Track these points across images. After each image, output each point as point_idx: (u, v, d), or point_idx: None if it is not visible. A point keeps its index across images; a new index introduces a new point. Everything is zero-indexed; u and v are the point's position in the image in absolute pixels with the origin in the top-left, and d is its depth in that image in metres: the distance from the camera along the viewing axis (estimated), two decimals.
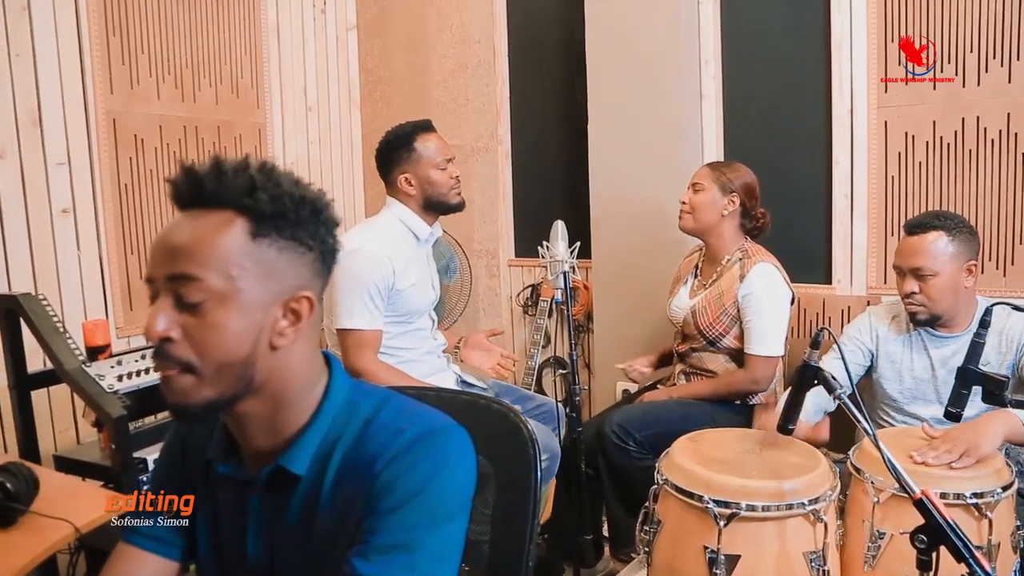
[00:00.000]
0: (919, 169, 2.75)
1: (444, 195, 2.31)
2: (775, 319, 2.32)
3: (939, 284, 1.98)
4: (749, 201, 2.42)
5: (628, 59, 2.99)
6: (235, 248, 0.88)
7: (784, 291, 2.37)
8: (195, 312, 0.87)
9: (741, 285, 2.34)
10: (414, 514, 0.90)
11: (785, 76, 2.95)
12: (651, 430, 2.19)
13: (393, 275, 2.18)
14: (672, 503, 1.65)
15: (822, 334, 1.46)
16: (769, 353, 2.31)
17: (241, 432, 0.97)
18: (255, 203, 0.88)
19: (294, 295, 0.91)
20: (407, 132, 2.31)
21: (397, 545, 0.88)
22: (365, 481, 0.91)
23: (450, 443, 0.97)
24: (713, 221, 2.41)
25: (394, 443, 0.93)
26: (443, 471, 0.93)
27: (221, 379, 0.88)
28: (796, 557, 1.54)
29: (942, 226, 2.00)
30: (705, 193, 2.40)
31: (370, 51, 3.51)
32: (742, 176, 2.43)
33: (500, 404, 1.37)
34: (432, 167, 2.28)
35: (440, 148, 2.31)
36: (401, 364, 2.27)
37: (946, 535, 1.22)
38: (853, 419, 1.38)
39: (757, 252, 2.41)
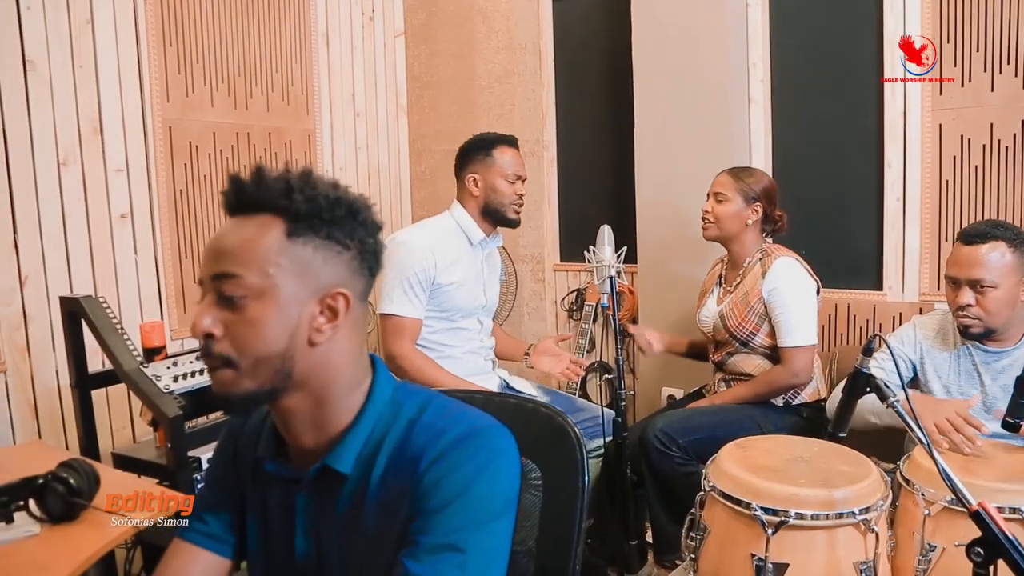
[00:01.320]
0: (975, 173, 2.68)
1: (504, 206, 2.38)
2: (803, 309, 2.32)
3: (997, 297, 1.91)
4: (770, 207, 2.44)
5: (675, 63, 2.98)
6: (272, 247, 0.92)
7: (808, 281, 2.37)
8: (235, 308, 0.91)
9: (764, 281, 2.34)
10: (461, 513, 0.91)
11: (835, 79, 2.91)
12: (694, 436, 2.18)
13: (435, 268, 2.26)
14: (719, 510, 1.63)
15: (875, 341, 1.44)
16: (803, 343, 2.30)
17: (287, 429, 1.00)
18: (291, 204, 0.92)
19: (330, 292, 0.94)
20: (491, 140, 2.42)
21: (446, 545, 0.90)
22: (410, 481, 0.93)
23: (493, 442, 0.98)
24: (737, 231, 2.43)
25: (437, 443, 0.95)
26: (487, 470, 0.95)
27: (259, 372, 0.92)
28: (846, 567, 1.52)
29: (1002, 236, 1.93)
30: (729, 204, 2.41)
31: (417, 57, 3.56)
32: (761, 182, 2.44)
33: (547, 407, 1.37)
34: (501, 176, 2.37)
35: (515, 162, 2.40)
36: (441, 359, 2.32)
37: (1004, 548, 1.19)
38: (907, 428, 1.35)
39: (776, 249, 2.42)
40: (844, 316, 2.93)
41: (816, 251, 2.92)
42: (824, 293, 2.90)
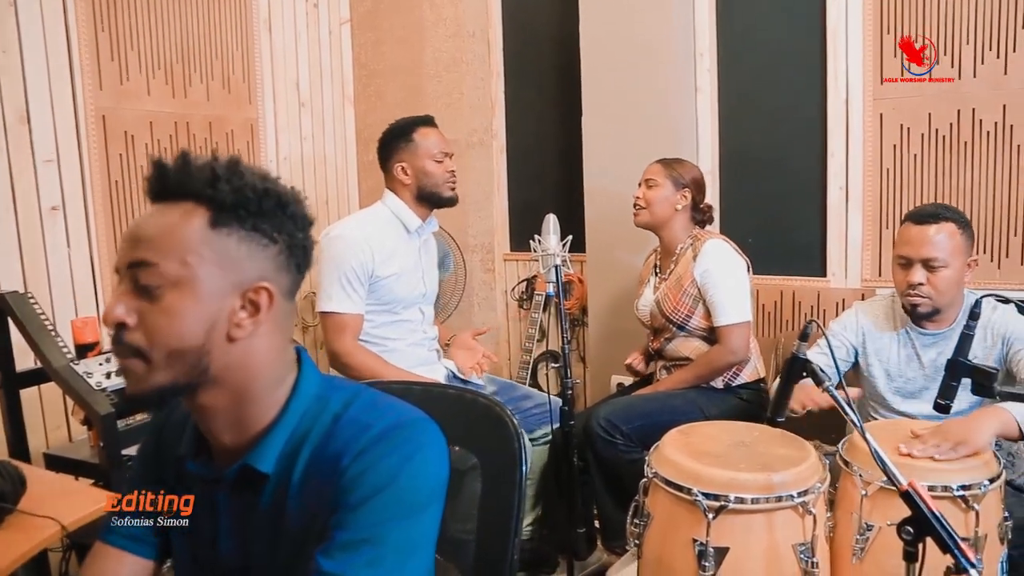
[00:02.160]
0: (914, 162, 2.74)
1: (438, 187, 2.34)
2: (735, 288, 2.37)
3: (948, 276, 1.95)
4: (698, 195, 2.50)
5: (622, 53, 2.98)
6: (193, 236, 0.88)
7: (737, 260, 2.42)
8: (151, 298, 0.88)
9: (696, 264, 2.39)
10: (380, 508, 0.90)
11: (780, 69, 2.94)
12: (638, 423, 2.20)
13: (372, 261, 2.22)
14: (662, 496, 1.64)
15: (811, 327, 1.45)
16: (738, 320, 2.35)
17: (207, 427, 0.96)
18: (216, 193, 0.89)
19: (252, 286, 0.91)
20: (409, 124, 2.37)
21: (362, 540, 0.88)
22: (332, 477, 0.91)
23: (418, 435, 0.96)
24: (667, 216, 2.47)
25: (361, 438, 0.93)
26: (411, 464, 0.93)
27: (172, 366, 0.88)
28: (785, 549, 1.53)
29: (951, 217, 1.97)
30: (659, 189, 2.46)
31: (363, 45, 3.50)
32: (691, 171, 2.51)
33: (486, 398, 1.37)
34: (428, 158, 2.33)
35: (438, 141, 2.37)
36: (385, 353, 2.29)
37: (932, 526, 1.21)
38: (841, 412, 1.37)
39: (705, 234, 2.48)
40: (789, 302, 2.98)
41: (762, 239, 2.96)
42: (770, 280, 2.95)
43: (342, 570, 0.86)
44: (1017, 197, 2.60)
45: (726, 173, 3.06)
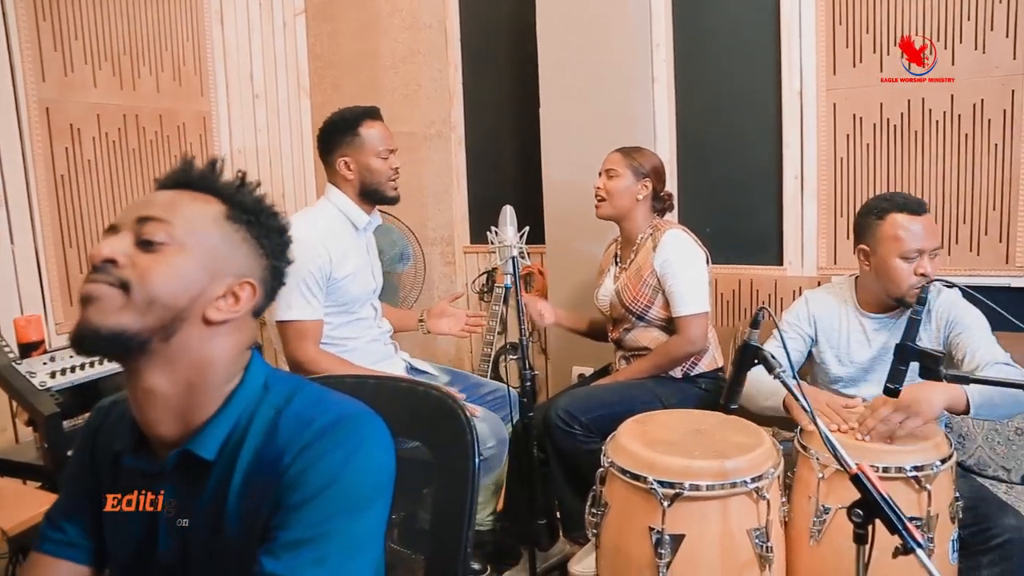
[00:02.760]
0: (867, 151, 2.78)
1: (381, 184, 2.28)
2: (694, 279, 2.38)
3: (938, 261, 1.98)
4: (659, 184, 2.50)
5: (579, 43, 2.97)
6: (209, 217, 0.95)
7: (697, 251, 2.43)
8: (152, 251, 0.90)
9: (655, 255, 2.39)
10: (324, 506, 0.88)
11: (736, 59, 2.96)
12: (597, 413, 2.20)
13: (330, 263, 2.16)
14: (618, 485, 1.64)
15: (761, 314, 1.46)
16: (696, 311, 2.36)
17: (147, 418, 0.94)
18: (239, 195, 0.98)
19: (241, 279, 0.95)
20: (354, 116, 2.28)
21: (306, 539, 0.87)
22: (274, 475, 0.90)
23: (361, 430, 0.95)
24: (629, 206, 2.46)
25: (303, 434, 0.92)
26: (354, 459, 0.92)
27: (148, 312, 0.88)
28: (740, 534, 1.55)
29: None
30: (620, 179, 2.45)
31: (319, 36, 3.45)
32: (651, 160, 2.50)
33: (439, 390, 1.36)
34: (373, 155, 2.25)
35: (384, 137, 2.28)
36: (345, 353, 2.25)
37: (880, 508, 1.23)
38: (793, 397, 1.38)
39: (665, 224, 2.48)
40: (747, 291, 3.00)
41: (719, 228, 2.98)
42: (728, 269, 2.97)
43: (286, 570, 0.85)
44: (966, 185, 2.65)
45: (683, 163, 3.08)
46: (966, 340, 1.94)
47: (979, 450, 2.40)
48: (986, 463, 2.39)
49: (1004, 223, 2.61)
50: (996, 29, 2.55)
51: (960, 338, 1.96)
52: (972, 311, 1.96)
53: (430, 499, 1.32)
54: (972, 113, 2.61)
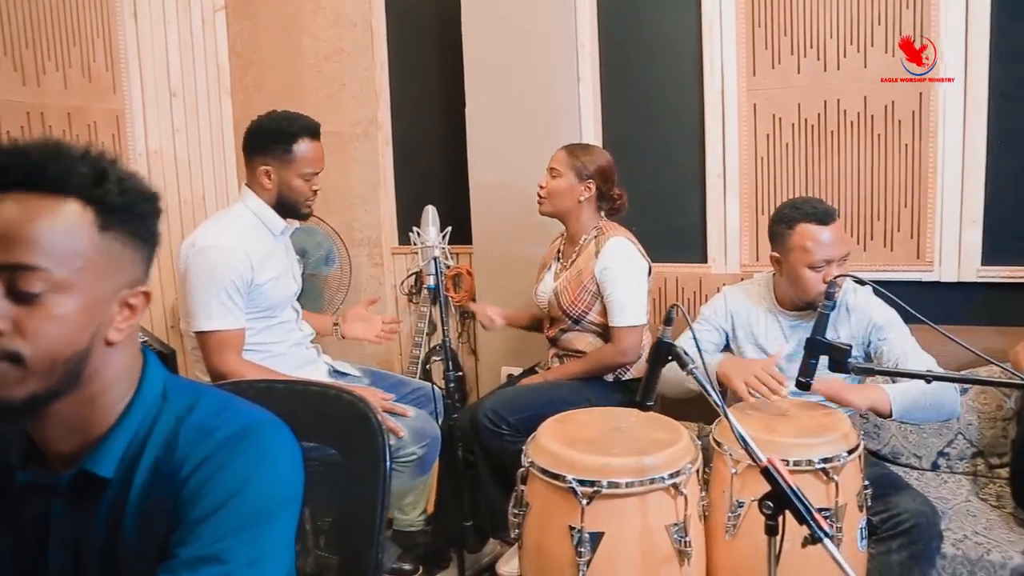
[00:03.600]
0: (786, 151, 2.84)
1: (298, 204, 2.21)
2: (633, 290, 2.37)
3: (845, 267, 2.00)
4: (605, 185, 2.46)
5: (504, 42, 2.97)
6: (81, 237, 0.83)
7: (639, 262, 2.42)
8: (32, 302, 0.81)
9: (597, 261, 2.38)
10: (226, 520, 0.85)
11: (660, 59, 3.00)
12: (524, 413, 2.19)
13: (251, 270, 2.10)
14: (539, 485, 1.64)
15: (674, 311, 1.48)
16: (632, 323, 2.35)
17: (43, 434, 0.89)
18: (104, 194, 0.85)
19: (133, 289, 0.89)
20: (293, 130, 2.16)
21: (207, 557, 0.83)
22: (172, 489, 0.86)
23: (266, 440, 0.92)
24: (569, 207, 2.44)
25: (204, 445, 0.88)
26: (259, 471, 0.89)
27: (52, 372, 0.82)
28: (658, 530, 1.56)
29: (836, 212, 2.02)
30: (562, 180, 2.42)
31: (239, 33, 3.37)
32: (596, 160, 2.45)
33: (349, 394, 1.34)
34: (298, 175, 2.17)
35: (315, 159, 2.20)
36: (268, 359, 2.19)
37: (789, 500, 1.26)
38: (704, 392, 1.40)
39: (611, 228, 2.45)
40: (673, 288, 3.04)
41: (645, 226, 3.00)
42: (654, 268, 3.00)
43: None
44: (880, 183, 2.73)
45: None
46: (890, 348, 2.00)
47: (893, 439, 2.48)
48: (899, 451, 2.47)
49: (915, 220, 2.71)
50: (905, 33, 2.64)
51: (884, 344, 2.02)
52: (893, 315, 2.02)
53: (342, 502, 1.30)
54: (884, 114, 2.70)
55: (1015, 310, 2.59)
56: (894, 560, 1.84)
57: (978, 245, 2.65)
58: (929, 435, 2.45)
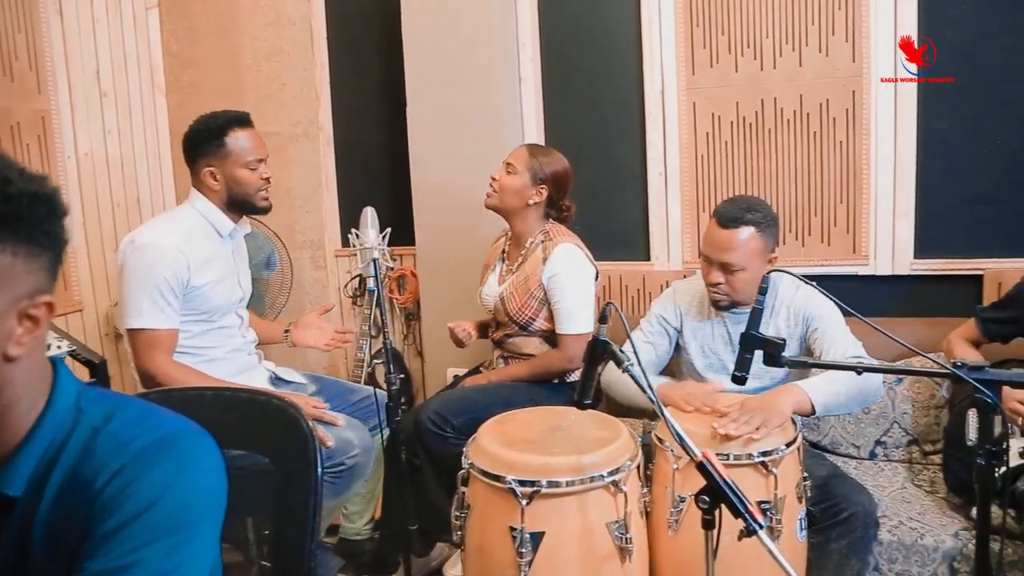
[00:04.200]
0: (725, 148, 2.88)
1: (250, 196, 2.17)
2: (581, 297, 2.35)
3: (744, 278, 2.01)
4: (557, 193, 2.44)
5: (445, 42, 2.95)
6: None
7: (587, 269, 2.41)
8: None
9: (544, 268, 2.36)
10: (139, 533, 0.82)
11: (601, 58, 3.01)
12: (468, 415, 2.17)
13: (188, 271, 2.05)
14: (479, 486, 1.63)
15: (608, 309, 1.48)
16: (579, 331, 2.34)
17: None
18: None
19: (33, 301, 0.83)
20: (219, 124, 2.13)
21: (117, 569, 0.80)
22: (85, 501, 0.82)
23: (186, 450, 0.89)
24: (517, 207, 2.42)
25: (119, 456, 0.84)
26: (178, 481, 0.86)
27: None
28: (599, 528, 1.56)
29: (752, 220, 2.00)
30: (516, 177, 2.39)
31: (174, 32, 3.28)
32: (555, 166, 2.42)
33: (280, 400, 1.32)
34: (241, 165, 2.13)
35: (253, 146, 2.16)
36: (204, 364, 2.13)
37: (724, 494, 1.27)
38: (640, 388, 1.40)
39: (558, 234, 2.43)
40: (617, 287, 3.06)
41: (590, 225, 3.01)
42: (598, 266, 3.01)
43: None
44: (816, 180, 2.79)
45: None
46: (822, 336, 2.04)
47: (832, 430, 2.53)
48: (839, 442, 2.52)
49: (851, 215, 2.77)
50: (836, 33, 2.70)
51: (817, 334, 2.06)
52: (827, 305, 2.05)
53: (275, 511, 1.27)
54: (819, 112, 2.75)
55: (947, 301, 2.67)
56: (833, 549, 1.88)
57: (911, 239, 2.72)
58: (867, 425, 2.50)
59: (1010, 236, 2.63)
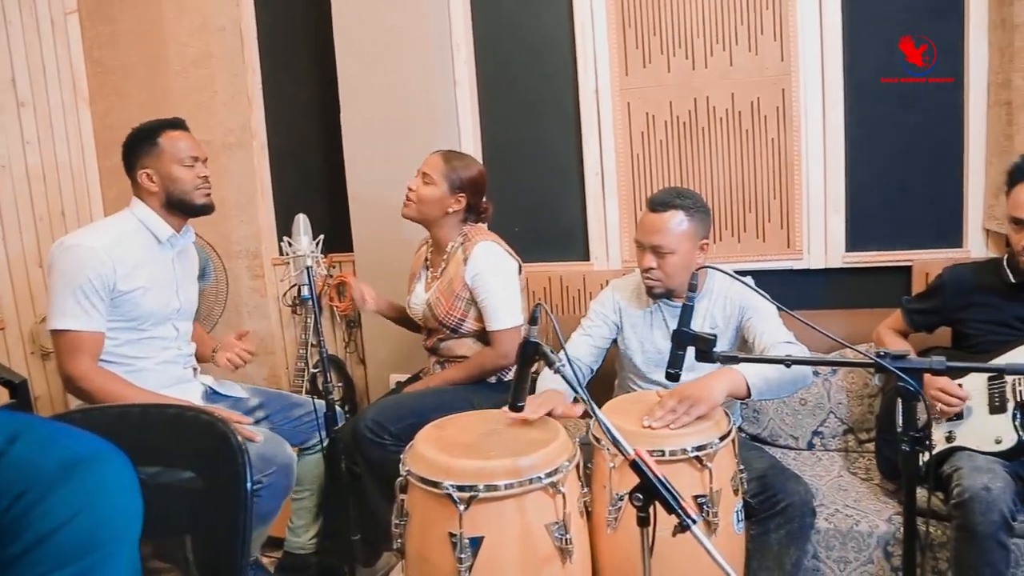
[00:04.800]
0: (660, 147, 2.91)
1: (188, 194, 2.16)
2: (505, 292, 2.36)
3: (675, 261, 2.06)
4: (474, 198, 2.43)
5: (378, 45, 2.92)
6: None
7: (509, 263, 2.41)
8: None
9: (467, 268, 2.36)
10: (47, 558, 0.77)
11: (535, 59, 3.02)
12: (407, 421, 2.14)
13: (114, 273, 2.02)
14: (417, 493, 1.61)
15: (538, 310, 1.48)
16: (508, 325, 2.35)
17: None
18: None
19: None
20: (153, 127, 2.18)
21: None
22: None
23: (97, 471, 0.85)
24: (436, 216, 2.40)
25: (23, 479, 0.80)
26: (88, 503, 0.82)
27: None
28: (538, 530, 1.55)
29: (682, 205, 2.06)
30: (434, 187, 2.37)
31: (96, 39, 3.18)
32: (470, 171, 2.41)
33: (208, 415, 1.28)
34: (176, 163, 2.14)
35: (188, 146, 2.18)
36: (132, 373, 2.09)
37: (657, 490, 1.27)
38: (572, 388, 1.40)
39: (476, 233, 2.43)
40: (557, 288, 3.07)
41: (528, 227, 3.03)
42: (538, 267, 3.02)
43: None
44: (750, 176, 2.84)
45: (489, 164, 3.05)
46: (755, 324, 2.09)
47: (771, 422, 2.58)
48: (778, 433, 2.57)
49: (784, 211, 2.83)
50: (765, 33, 2.75)
51: (750, 323, 2.11)
52: (761, 297, 2.09)
53: (207, 529, 1.24)
54: (750, 110, 2.81)
55: (879, 293, 2.75)
56: (772, 539, 1.91)
57: (842, 233, 2.79)
58: (804, 416, 2.55)
59: (937, 228, 2.72)
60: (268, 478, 2.00)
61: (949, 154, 2.67)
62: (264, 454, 2.01)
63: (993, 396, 1.99)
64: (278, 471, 2.03)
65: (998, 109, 2.56)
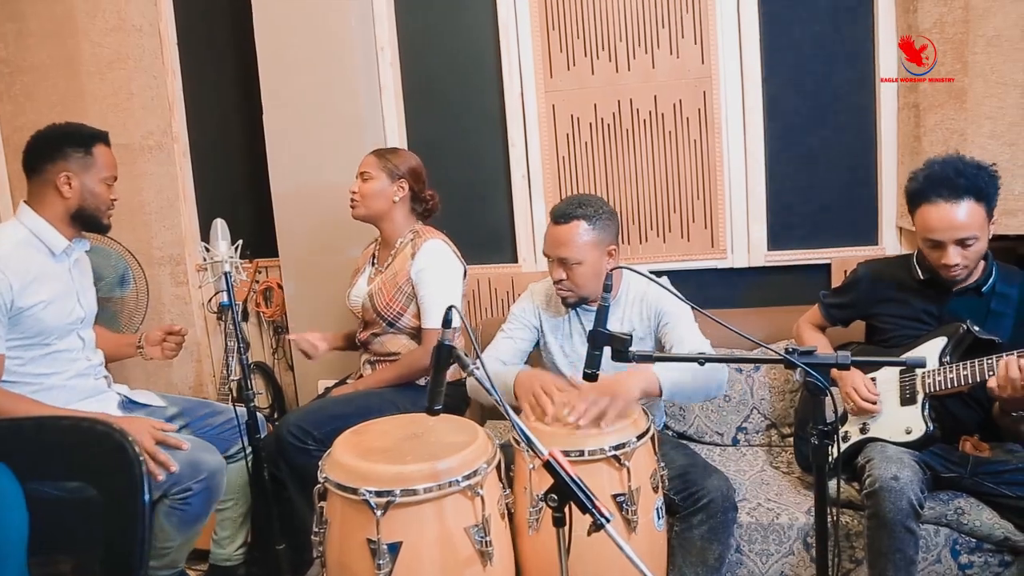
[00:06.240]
0: (585, 149, 2.94)
1: (100, 212, 2.11)
2: (447, 292, 2.35)
3: (583, 271, 2.07)
4: (417, 185, 2.46)
5: (300, 47, 2.88)
6: None
7: (455, 265, 2.42)
8: None
9: (413, 262, 2.37)
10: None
11: (460, 63, 3.01)
12: (331, 426, 2.10)
13: (11, 291, 1.92)
14: (335, 500, 1.59)
15: (451, 313, 1.47)
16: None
17: None
18: None
19: None
20: (88, 133, 2.11)
21: None
22: None
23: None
24: (384, 208, 2.42)
25: None
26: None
27: None
28: (457, 533, 1.55)
29: (583, 215, 2.05)
30: (374, 182, 2.40)
31: (2, 37, 3.05)
32: (407, 161, 2.46)
33: (105, 425, 1.24)
34: (100, 179, 2.09)
35: (113, 164, 2.16)
36: (40, 392, 1.99)
37: (571, 490, 1.28)
38: (487, 391, 1.40)
39: (427, 231, 2.45)
40: (486, 289, 3.07)
41: (457, 230, 2.99)
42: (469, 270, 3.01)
43: None
44: (674, 177, 2.88)
45: None
46: (671, 331, 2.11)
47: (697, 419, 2.62)
48: (703, 430, 2.62)
49: (708, 211, 2.88)
50: (686, 36, 2.80)
51: (667, 329, 2.12)
52: (677, 302, 2.11)
53: (104, 540, 1.20)
54: (673, 112, 2.85)
55: (800, 289, 2.82)
56: (695, 535, 1.94)
57: (763, 232, 2.86)
58: (728, 412, 2.60)
59: (854, 226, 2.82)
60: (198, 484, 1.96)
61: (863, 155, 2.76)
62: (193, 461, 1.96)
63: (904, 388, 2.05)
64: (208, 477, 1.99)
65: (907, 112, 2.66)
